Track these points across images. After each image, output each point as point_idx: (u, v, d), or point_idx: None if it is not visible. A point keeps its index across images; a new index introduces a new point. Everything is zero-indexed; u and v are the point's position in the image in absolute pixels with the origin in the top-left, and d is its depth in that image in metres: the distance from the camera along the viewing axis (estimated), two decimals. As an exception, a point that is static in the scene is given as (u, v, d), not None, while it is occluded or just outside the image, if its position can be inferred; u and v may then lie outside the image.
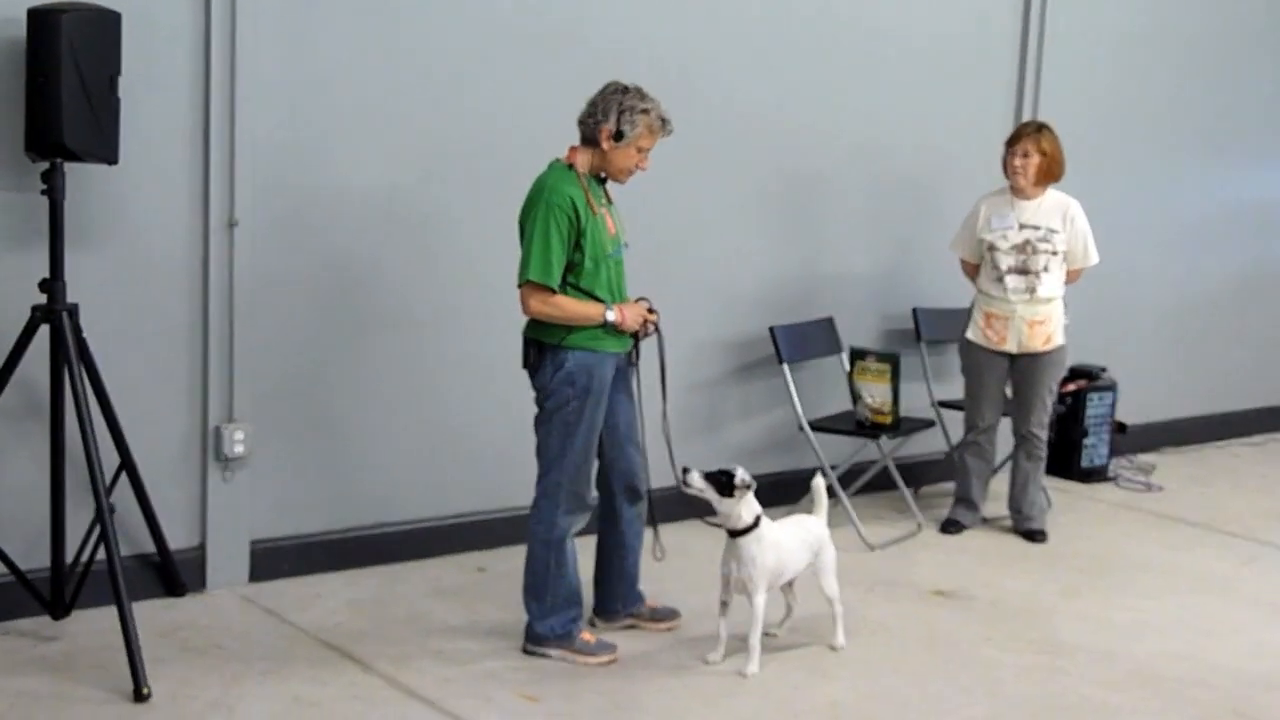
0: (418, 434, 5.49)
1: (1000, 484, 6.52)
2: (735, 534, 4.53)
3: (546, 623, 4.58)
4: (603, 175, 4.58)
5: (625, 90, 4.48)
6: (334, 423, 5.31)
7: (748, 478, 4.51)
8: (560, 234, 4.37)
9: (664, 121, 4.52)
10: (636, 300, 4.62)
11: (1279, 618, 5.35)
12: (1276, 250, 8.72)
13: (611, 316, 4.46)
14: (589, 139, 4.50)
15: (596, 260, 4.46)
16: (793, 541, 4.66)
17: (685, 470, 4.49)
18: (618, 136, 4.46)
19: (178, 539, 4.95)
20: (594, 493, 4.65)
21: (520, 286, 4.43)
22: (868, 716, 4.27)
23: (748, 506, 4.52)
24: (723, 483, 4.48)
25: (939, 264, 6.58)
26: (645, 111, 4.46)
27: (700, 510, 4.62)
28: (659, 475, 4.81)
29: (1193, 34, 7.92)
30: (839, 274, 6.69)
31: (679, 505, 4.64)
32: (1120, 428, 7.52)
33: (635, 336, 4.60)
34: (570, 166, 4.51)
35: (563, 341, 4.45)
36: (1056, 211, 6.09)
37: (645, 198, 4.93)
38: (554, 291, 4.40)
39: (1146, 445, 7.99)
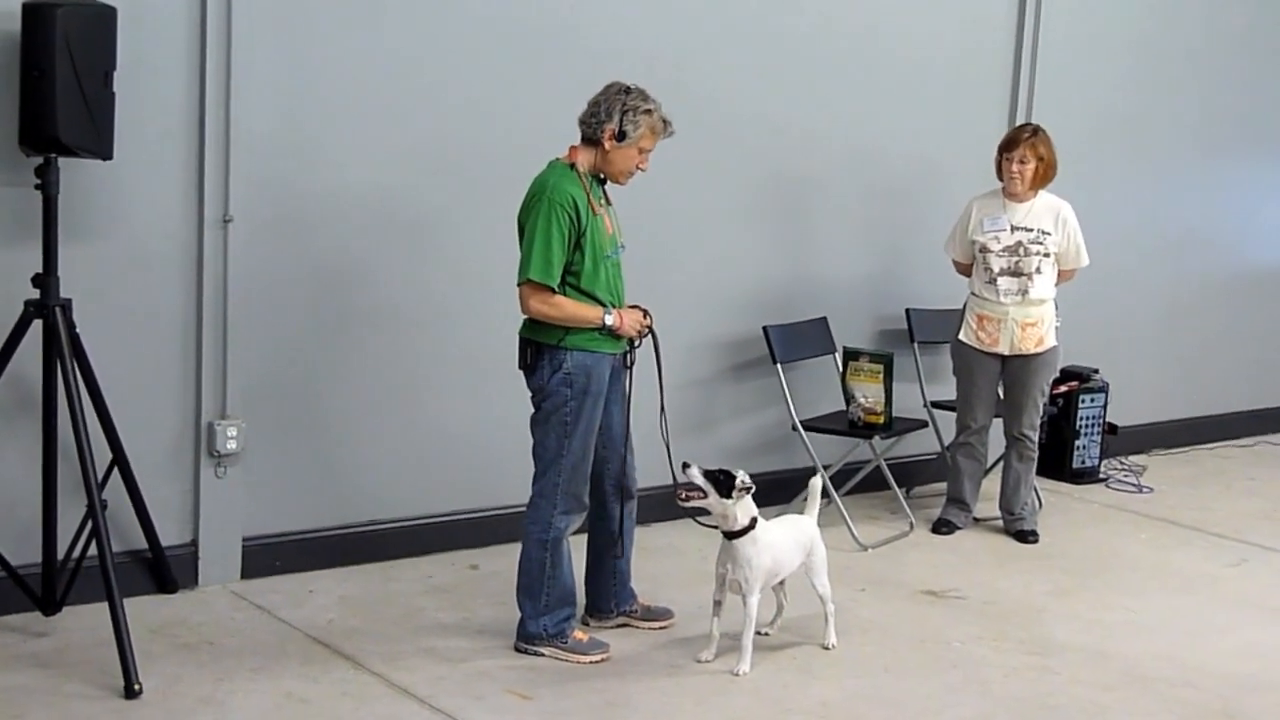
0: (411, 431, 5.48)
1: (992, 485, 6.54)
2: (731, 535, 4.53)
3: (539, 621, 4.57)
4: (602, 175, 4.57)
5: (628, 91, 4.47)
6: (327, 419, 5.31)
7: (748, 480, 4.50)
8: (561, 233, 4.36)
9: (666, 123, 4.51)
10: (631, 307, 4.62)
11: (1267, 619, 5.37)
12: (1267, 254, 8.74)
13: (610, 321, 4.46)
14: (590, 138, 4.49)
15: (596, 261, 4.46)
16: (787, 541, 4.67)
17: (685, 465, 4.49)
18: (620, 137, 4.45)
19: (170, 535, 4.94)
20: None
21: (520, 285, 4.42)
22: (858, 716, 4.27)
23: (744, 509, 4.51)
24: (721, 482, 4.48)
25: (932, 265, 6.58)
26: (648, 112, 4.46)
27: (698, 511, 4.61)
28: (654, 475, 4.80)
29: (1185, 39, 7.92)
30: (832, 274, 6.70)
31: (672, 504, 4.63)
32: (1111, 429, 7.53)
33: (630, 341, 4.60)
34: (571, 166, 4.50)
35: (561, 342, 4.44)
36: (1049, 213, 6.10)
37: (639, 198, 4.93)
38: (554, 291, 4.39)
39: (1137, 447, 7.99)
